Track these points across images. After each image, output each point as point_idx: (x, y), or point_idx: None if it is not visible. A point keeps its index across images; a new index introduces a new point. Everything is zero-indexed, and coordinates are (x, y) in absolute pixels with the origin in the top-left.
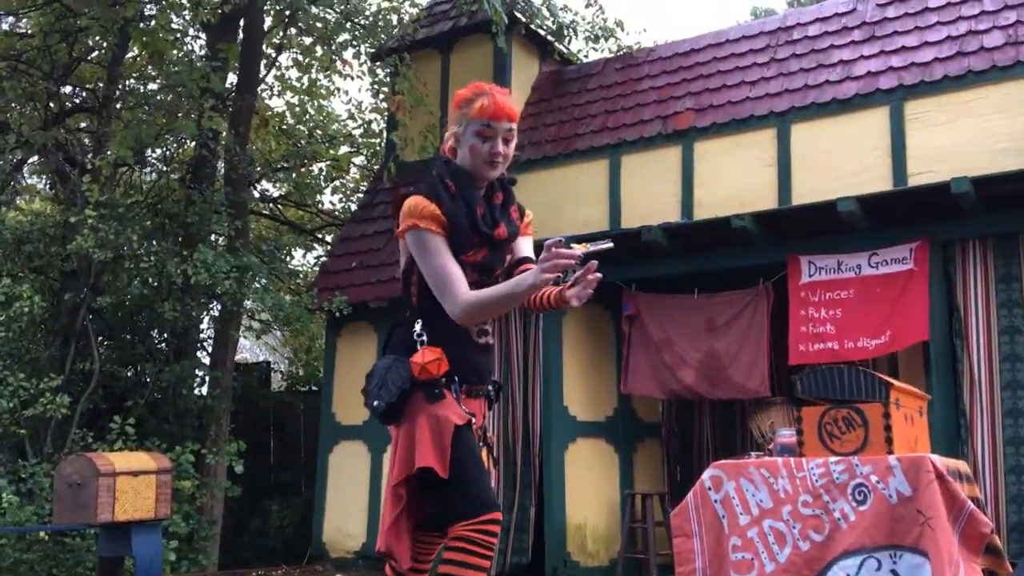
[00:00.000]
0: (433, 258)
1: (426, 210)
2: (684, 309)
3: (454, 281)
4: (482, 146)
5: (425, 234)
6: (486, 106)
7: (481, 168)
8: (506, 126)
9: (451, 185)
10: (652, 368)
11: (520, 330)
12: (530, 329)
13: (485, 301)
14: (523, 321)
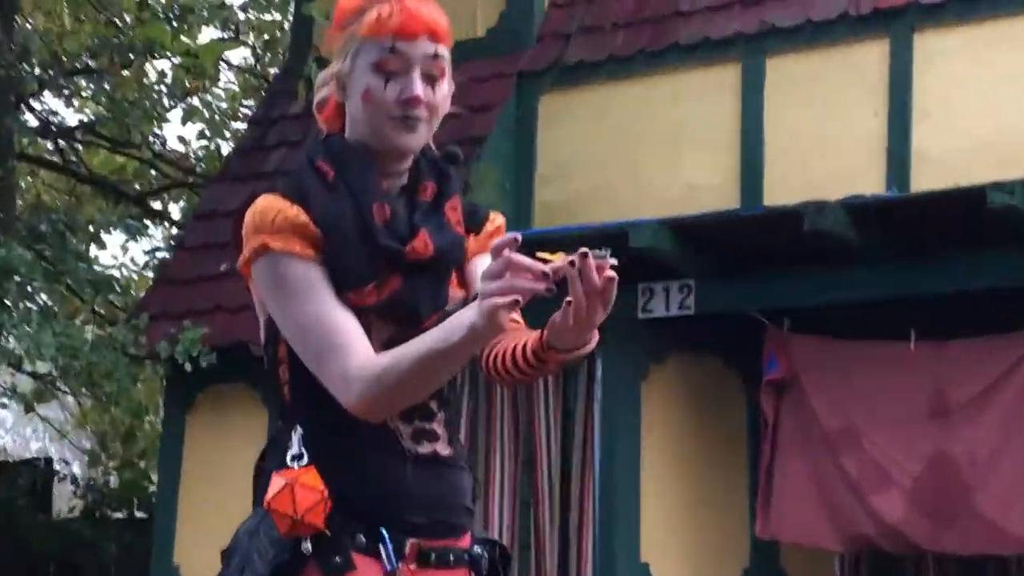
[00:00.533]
0: (300, 304)
1: (283, 218)
2: (888, 371)
3: (341, 341)
4: (383, 89)
5: (283, 261)
6: (387, 15)
7: (386, 133)
8: (427, 48)
9: (328, 171)
10: (820, 490)
11: (552, 404)
12: (573, 402)
13: (398, 370)
14: (557, 386)
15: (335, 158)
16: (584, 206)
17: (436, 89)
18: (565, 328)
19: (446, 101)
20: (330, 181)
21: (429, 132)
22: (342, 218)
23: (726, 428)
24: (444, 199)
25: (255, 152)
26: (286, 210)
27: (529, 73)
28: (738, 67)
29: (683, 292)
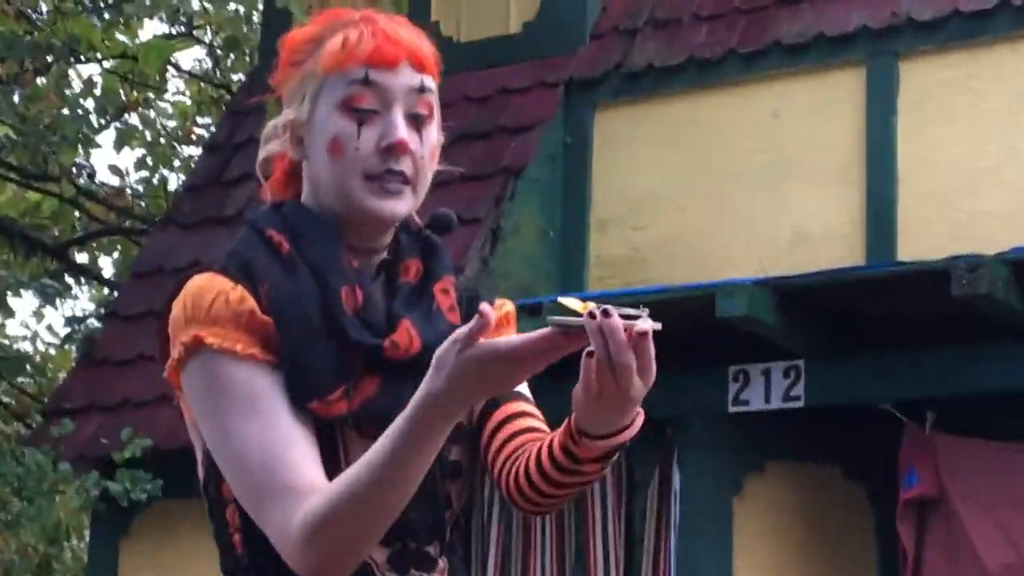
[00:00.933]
0: (239, 422)
1: (222, 304)
2: None
3: (288, 481)
4: (356, 136)
5: (221, 362)
6: (355, 40)
7: (361, 196)
8: (411, 80)
9: (281, 242)
10: None
11: (612, 531)
12: (641, 526)
13: (337, 514)
14: (619, 505)
15: (290, 226)
16: (655, 261)
17: (423, 135)
18: (593, 401)
19: (435, 155)
20: (284, 255)
21: (416, 198)
22: (300, 303)
23: (847, 561)
24: (432, 280)
25: (213, 187)
26: (227, 292)
27: (581, 81)
28: (861, 73)
29: (789, 377)
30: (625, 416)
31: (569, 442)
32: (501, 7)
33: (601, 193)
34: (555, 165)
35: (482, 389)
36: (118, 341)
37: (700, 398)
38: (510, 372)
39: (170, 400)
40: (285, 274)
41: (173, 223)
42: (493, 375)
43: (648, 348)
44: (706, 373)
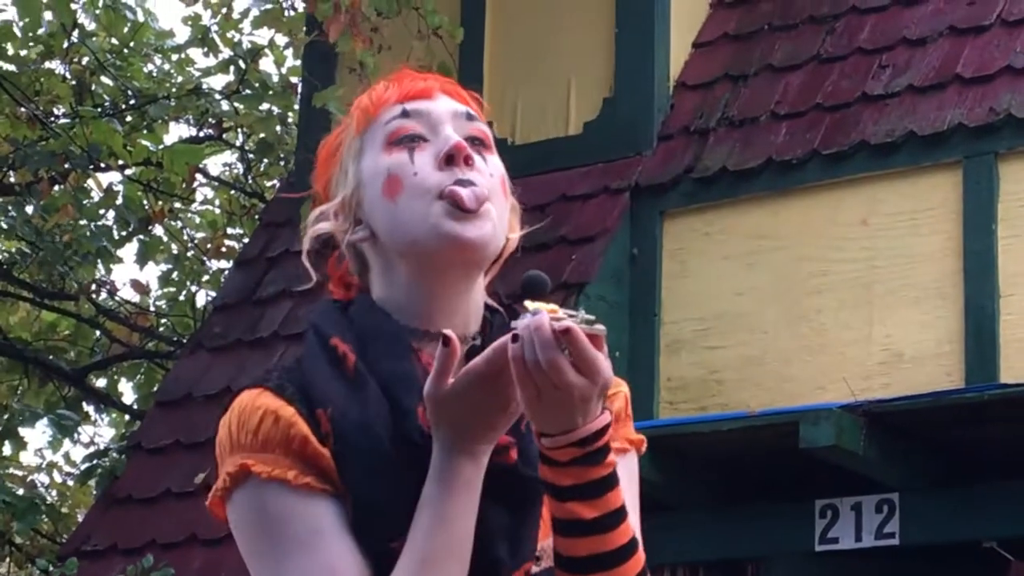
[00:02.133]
0: (294, 559)
1: (271, 426)
2: None
3: None
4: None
5: (271, 493)
6: (383, 89)
7: (435, 227)
8: (452, 106)
9: (348, 355)
10: None
11: None
12: None
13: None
14: None
15: (358, 330)
16: (732, 384)
17: (487, 159)
18: (534, 401)
19: (505, 186)
20: (350, 370)
21: (496, 232)
22: (371, 430)
23: None
24: None
25: (245, 306)
26: (279, 413)
27: (648, 187)
28: (958, 175)
29: (882, 512)
30: (575, 418)
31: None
32: (559, 106)
33: (672, 310)
34: (621, 279)
35: (483, 417)
36: (142, 476)
37: (784, 536)
38: (492, 391)
39: (199, 541)
40: (351, 394)
41: (201, 346)
42: (477, 400)
43: (583, 346)
44: (790, 508)
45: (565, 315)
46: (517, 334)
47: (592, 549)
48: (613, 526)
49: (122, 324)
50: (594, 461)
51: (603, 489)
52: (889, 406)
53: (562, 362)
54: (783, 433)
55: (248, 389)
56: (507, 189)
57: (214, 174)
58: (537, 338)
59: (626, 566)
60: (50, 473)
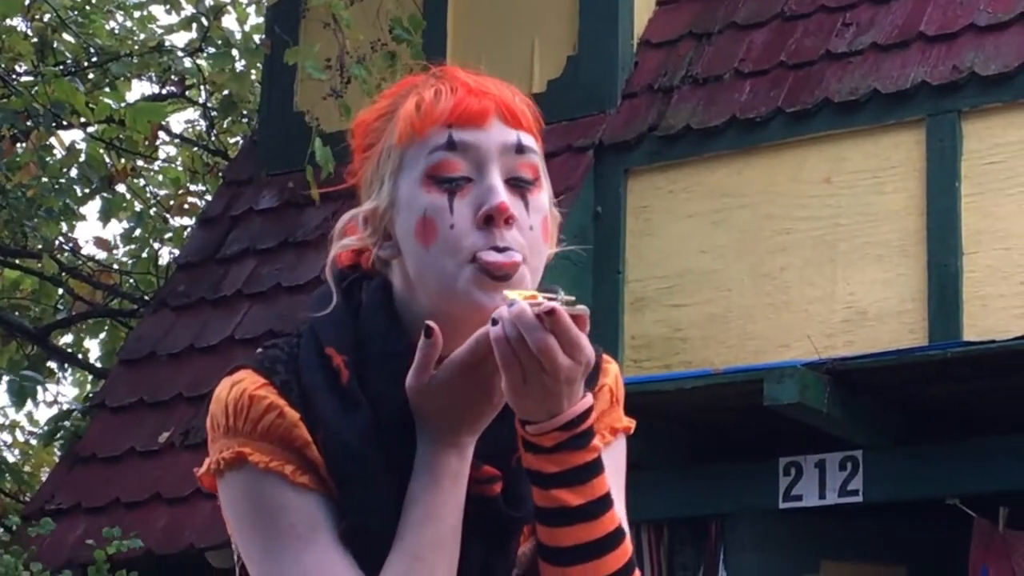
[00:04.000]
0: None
1: (272, 422)
2: None
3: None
4: (449, 211)
5: (269, 484)
6: (434, 98)
7: (465, 288)
8: (506, 136)
9: (341, 369)
10: None
11: None
12: None
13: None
14: None
15: (359, 339)
16: (696, 342)
17: (530, 203)
18: (520, 387)
19: (548, 230)
20: (344, 386)
21: (533, 281)
22: (362, 456)
23: None
24: None
25: (209, 264)
26: (284, 411)
27: (612, 145)
28: (921, 134)
29: (846, 469)
30: (561, 402)
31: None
32: (524, 64)
33: (635, 268)
34: (584, 237)
35: (469, 406)
36: (106, 435)
37: (748, 493)
38: (475, 380)
39: (163, 500)
40: (342, 415)
41: (165, 304)
42: (461, 391)
43: (567, 326)
44: (754, 466)
45: (544, 299)
46: (496, 319)
47: (577, 538)
48: (599, 513)
49: (85, 282)
50: (579, 445)
51: (588, 475)
52: (853, 364)
53: (551, 342)
54: (747, 391)
55: (251, 374)
56: (548, 230)
57: (177, 132)
58: (521, 323)
59: (611, 556)
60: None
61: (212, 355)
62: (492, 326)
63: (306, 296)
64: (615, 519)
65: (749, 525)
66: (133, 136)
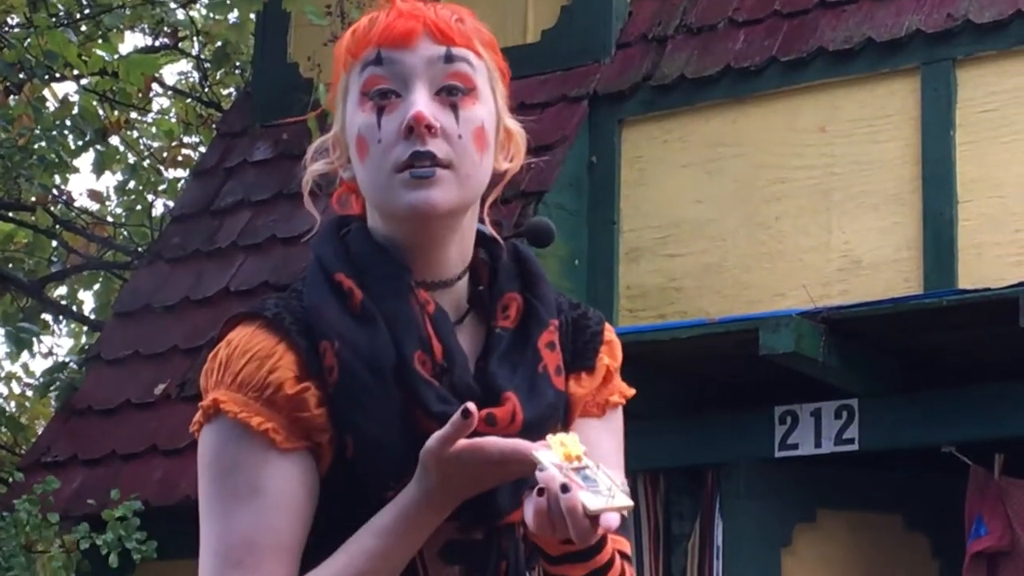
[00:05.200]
0: (226, 500)
1: (254, 370)
2: None
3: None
4: (377, 127)
5: (233, 434)
6: (367, 24)
7: (394, 198)
8: (432, 51)
9: (353, 290)
10: None
11: None
12: None
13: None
14: (655, 560)
15: (358, 265)
16: (691, 292)
17: (461, 112)
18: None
19: (483, 137)
20: (358, 307)
21: (462, 187)
22: (380, 368)
23: None
24: (535, 327)
25: (203, 216)
26: (264, 357)
27: (606, 95)
28: (915, 82)
29: (842, 418)
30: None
31: None
32: (518, 14)
33: (631, 218)
34: (579, 188)
35: (475, 486)
36: (102, 387)
37: (744, 442)
38: (495, 471)
39: (160, 452)
40: (359, 330)
41: (159, 257)
42: (481, 475)
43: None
44: (750, 415)
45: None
46: (542, 488)
47: None
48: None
49: (79, 234)
50: (585, 557)
51: (594, 553)
52: (848, 312)
53: (594, 536)
54: (743, 340)
55: (244, 321)
56: (486, 138)
57: (170, 83)
58: (571, 520)
59: None
60: (8, 384)
61: (207, 307)
62: (538, 496)
63: (301, 247)
64: (616, 572)
65: (745, 474)
66: (126, 88)
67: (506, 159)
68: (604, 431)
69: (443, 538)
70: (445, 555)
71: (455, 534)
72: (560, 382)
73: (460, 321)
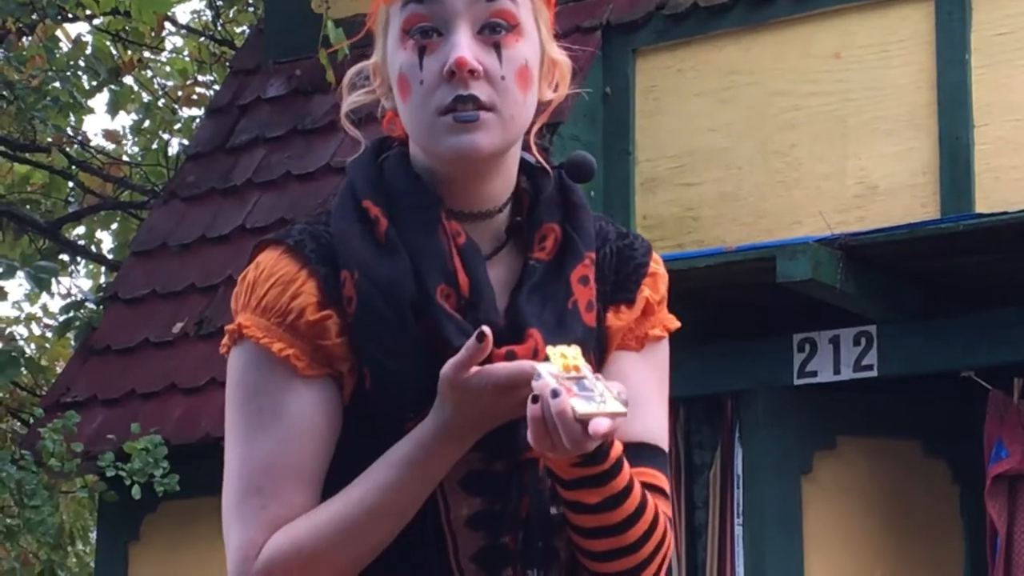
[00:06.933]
0: (249, 425)
1: (277, 294)
2: None
3: (268, 484)
4: (419, 68)
5: (256, 358)
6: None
7: (436, 139)
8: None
9: (379, 218)
10: None
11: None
12: (704, 514)
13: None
14: (676, 490)
15: (390, 193)
16: (708, 220)
17: (504, 52)
18: None
19: (528, 76)
20: (381, 235)
21: (506, 129)
22: (399, 298)
23: (931, 542)
24: (570, 259)
25: (218, 154)
26: (288, 282)
27: (619, 25)
28: (929, 6)
29: (860, 345)
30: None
31: None
32: None
33: (646, 148)
34: (594, 118)
35: (490, 417)
36: (120, 326)
37: (762, 370)
38: (505, 398)
39: (178, 389)
40: (380, 260)
41: (175, 195)
42: (495, 403)
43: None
44: (768, 343)
45: (586, 372)
46: (537, 396)
47: (599, 523)
48: (618, 504)
49: (95, 175)
50: (598, 482)
51: (607, 479)
52: (865, 239)
53: (587, 442)
54: (760, 268)
55: (270, 246)
56: (530, 75)
57: (183, 22)
58: (561, 420)
59: (632, 530)
60: (28, 325)
61: (224, 245)
62: (532, 403)
63: (316, 183)
64: (635, 500)
65: (764, 402)
66: (139, 28)
67: (551, 88)
68: (642, 364)
69: (464, 468)
70: (466, 485)
71: (477, 464)
72: (590, 318)
73: (497, 252)
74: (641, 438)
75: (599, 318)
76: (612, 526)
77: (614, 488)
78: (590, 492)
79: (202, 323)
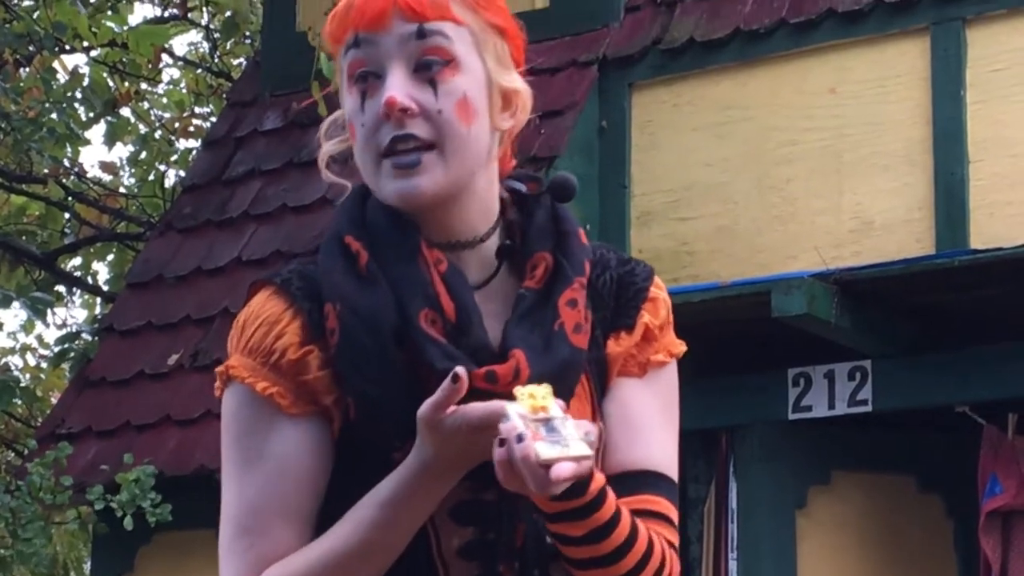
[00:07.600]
0: (239, 464)
1: (263, 335)
2: None
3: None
4: (361, 112)
5: (244, 399)
6: (346, 7)
7: (381, 185)
8: (404, 29)
9: (360, 252)
10: None
11: None
12: (697, 548)
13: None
14: None
15: (371, 228)
16: (703, 255)
17: (440, 87)
18: None
19: (468, 108)
20: (362, 269)
21: (448, 165)
22: (378, 329)
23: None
24: (559, 284)
25: (214, 186)
26: (273, 322)
27: (616, 60)
28: (925, 42)
29: (855, 380)
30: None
31: None
32: None
33: (641, 182)
34: (590, 152)
35: (471, 455)
36: (115, 358)
37: (757, 405)
38: (480, 439)
39: (173, 421)
40: (361, 292)
41: (171, 227)
42: (472, 442)
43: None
44: (763, 377)
45: (555, 413)
46: (503, 439)
47: (587, 554)
48: (604, 536)
49: (91, 206)
50: (581, 515)
51: (589, 511)
52: (860, 274)
53: (551, 487)
54: (755, 303)
55: (263, 287)
56: (472, 106)
57: (180, 54)
58: (526, 466)
59: (624, 561)
60: (23, 356)
61: (219, 277)
62: (498, 447)
63: (312, 216)
64: (624, 530)
65: (759, 436)
66: (136, 59)
67: (510, 116)
68: (644, 390)
69: (454, 499)
70: (456, 516)
71: (466, 494)
72: (579, 339)
73: (488, 281)
74: (643, 465)
75: (598, 344)
76: (601, 557)
77: (598, 520)
78: (573, 525)
79: (197, 355)
